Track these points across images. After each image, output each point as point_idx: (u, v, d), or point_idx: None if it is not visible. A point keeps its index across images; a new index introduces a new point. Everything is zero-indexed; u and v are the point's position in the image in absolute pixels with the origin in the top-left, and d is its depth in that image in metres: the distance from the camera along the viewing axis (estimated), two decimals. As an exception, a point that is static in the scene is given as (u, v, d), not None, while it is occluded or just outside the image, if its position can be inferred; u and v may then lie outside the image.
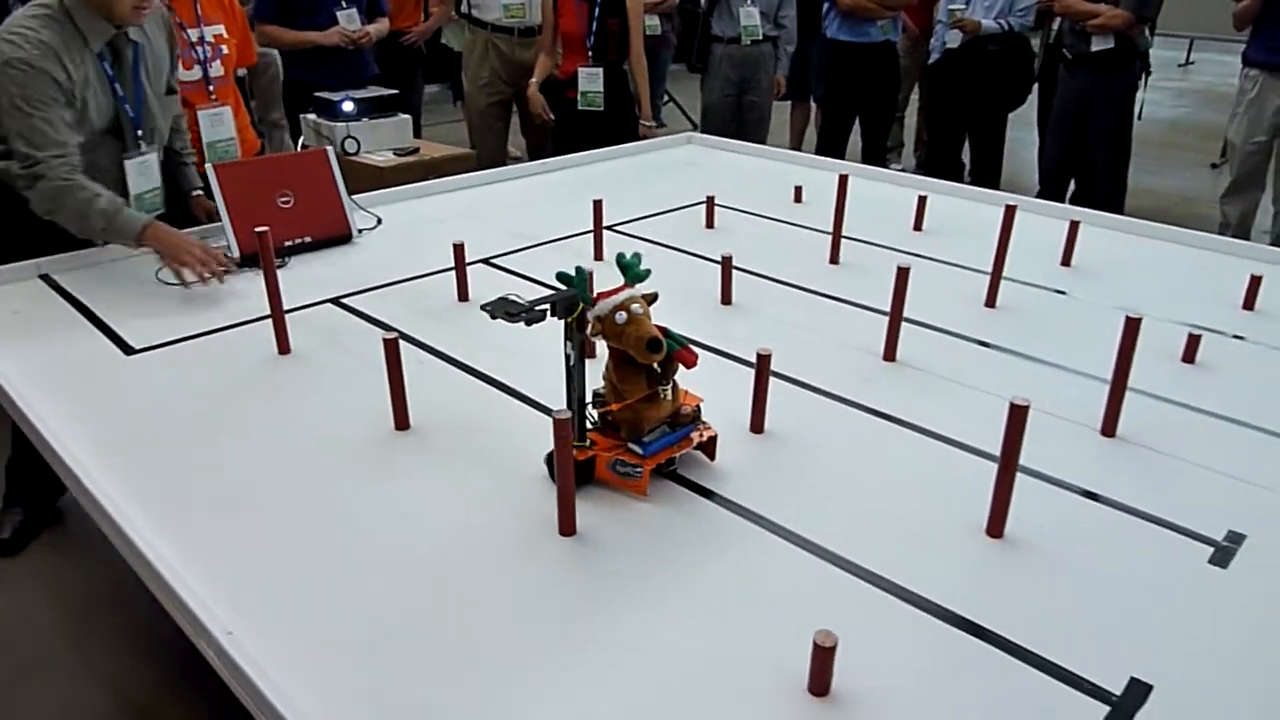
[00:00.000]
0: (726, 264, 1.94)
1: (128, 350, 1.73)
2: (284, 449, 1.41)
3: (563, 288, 1.22)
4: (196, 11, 2.64)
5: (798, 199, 2.69)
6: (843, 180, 2.19)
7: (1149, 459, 1.41)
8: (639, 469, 1.25)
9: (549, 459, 1.30)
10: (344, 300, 1.95)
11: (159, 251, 1.96)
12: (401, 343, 1.44)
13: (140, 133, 2.13)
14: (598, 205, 2.18)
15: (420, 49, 4.99)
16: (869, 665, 0.99)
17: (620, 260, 1.29)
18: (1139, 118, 4.41)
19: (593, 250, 2.21)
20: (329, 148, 2.36)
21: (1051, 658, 1.01)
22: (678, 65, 6.79)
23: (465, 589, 1.12)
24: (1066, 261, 2.20)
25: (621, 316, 1.21)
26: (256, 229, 1.70)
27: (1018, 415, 1.14)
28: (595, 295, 1.23)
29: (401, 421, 1.45)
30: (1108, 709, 0.95)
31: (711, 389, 1.43)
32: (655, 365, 1.24)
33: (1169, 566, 1.17)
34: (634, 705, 0.95)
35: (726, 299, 1.95)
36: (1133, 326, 1.40)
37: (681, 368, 1.27)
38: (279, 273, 1.75)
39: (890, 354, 1.70)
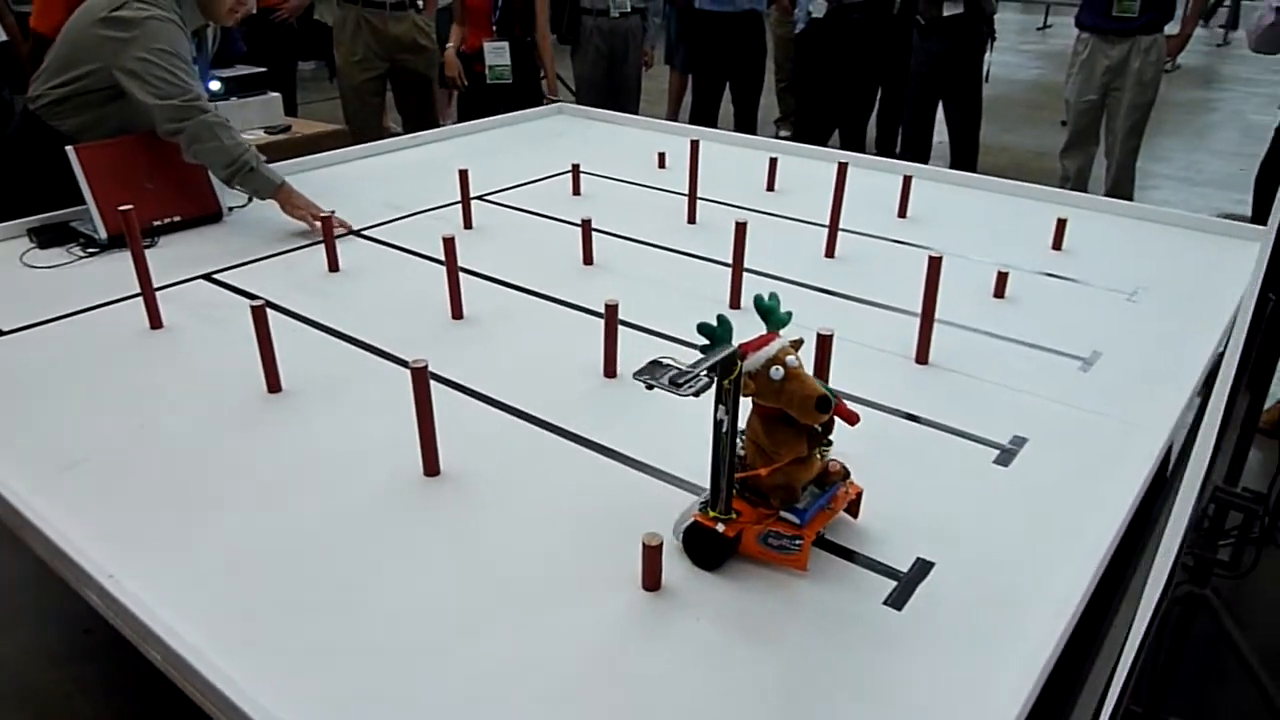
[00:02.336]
0: (586, 226, 2.06)
1: (-4, 332, 1.76)
2: (157, 412, 1.47)
3: (705, 340, 1.07)
4: None
5: (661, 165, 2.83)
6: (694, 145, 2.33)
7: (953, 380, 1.60)
8: (798, 541, 1.10)
9: (687, 536, 1.14)
10: (215, 276, 2.01)
11: (291, 204, 2.21)
12: (273, 312, 1.52)
13: None
14: (464, 175, 2.27)
15: (292, 25, 4.95)
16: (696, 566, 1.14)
17: (760, 305, 1.14)
18: (986, 80, 4.68)
19: (461, 220, 2.30)
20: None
21: (854, 548, 1.18)
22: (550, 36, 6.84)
23: (331, 523, 1.22)
24: (902, 213, 2.39)
25: (778, 371, 1.06)
26: (120, 208, 1.74)
27: (823, 344, 1.30)
28: (740, 347, 1.07)
29: (273, 385, 1.54)
30: (895, 583, 1.12)
31: (573, 340, 1.55)
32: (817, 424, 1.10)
33: (960, 468, 1.35)
34: (489, 603, 1.08)
35: (588, 259, 2.07)
36: (935, 264, 1.58)
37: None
38: (148, 252, 1.80)
39: (735, 302, 1.86)
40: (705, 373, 1.03)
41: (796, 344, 1.11)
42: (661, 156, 2.84)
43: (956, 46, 4.48)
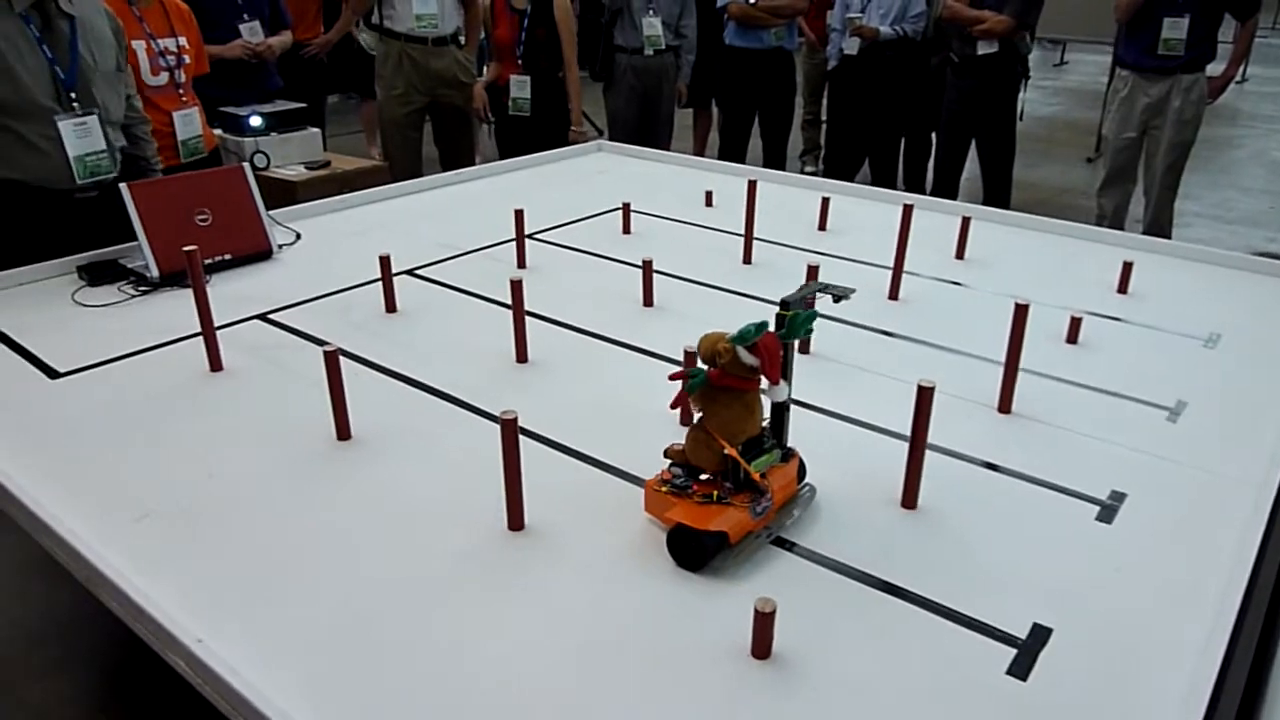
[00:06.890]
0: (647, 268, 2.03)
1: (52, 374, 1.72)
2: (224, 460, 1.43)
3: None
4: (169, 24, 2.96)
5: (709, 203, 2.80)
6: (752, 185, 2.30)
7: (1041, 431, 1.55)
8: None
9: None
10: (271, 316, 1.97)
11: None
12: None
13: (74, 96, 2.26)
14: (519, 215, 2.25)
15: (322, 60, 4.97)
16: (804, 630, 1.08)
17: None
18: (1020, 118, 4.67)
19: (515, 259, 2.27)
20: (245, 164, 2.36)
21: (964, 610, 1.13)
22: (581, 72, 6.87)
23: (419, 582, 1.17)
24: (960, 255, 2.35)
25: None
26: (185, 248, 1.72)
27: (924, 396, 1.26)
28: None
29: (343, 432, 1.50)
30: (1015, 651, 1.07)
31: (639, 385, 1.51)
32: None
33: (1061, 525, 1.30)
34: (595, 670, 1.03)
35: (649, 301, 2.04)
36: (1021, 312, 1.54)
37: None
38: (205, 291, 1.76)
39: (805, 348, 1.82)
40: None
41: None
42: (709, 195, 2.81)
43: (991, 84, 4.47)
